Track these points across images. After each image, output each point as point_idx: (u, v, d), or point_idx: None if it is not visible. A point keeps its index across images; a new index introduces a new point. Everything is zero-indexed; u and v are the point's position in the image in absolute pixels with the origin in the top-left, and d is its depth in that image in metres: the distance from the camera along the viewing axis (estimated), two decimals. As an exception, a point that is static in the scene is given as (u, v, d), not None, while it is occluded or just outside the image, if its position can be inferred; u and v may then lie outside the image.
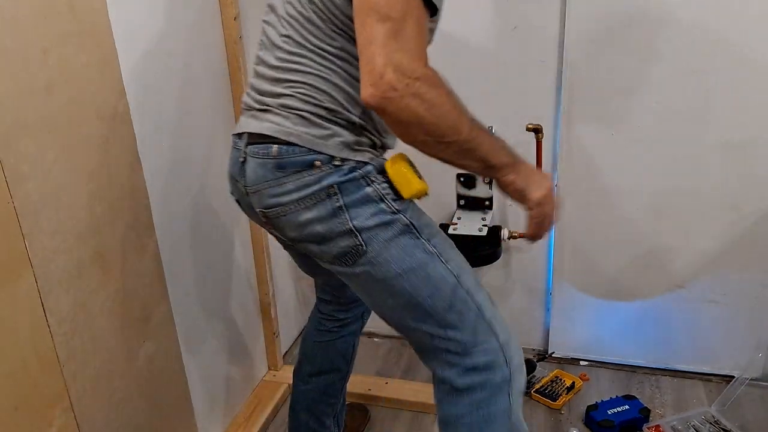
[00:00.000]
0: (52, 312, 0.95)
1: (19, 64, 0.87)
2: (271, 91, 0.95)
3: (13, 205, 0.87)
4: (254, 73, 1.02)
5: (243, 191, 0.99)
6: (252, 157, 0.95)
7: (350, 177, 0.91)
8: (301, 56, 0.93)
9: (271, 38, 0.97)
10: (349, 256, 0.93)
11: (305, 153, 0.91)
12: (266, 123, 0.94)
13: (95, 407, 1.06)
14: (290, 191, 0.92)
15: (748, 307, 1.67)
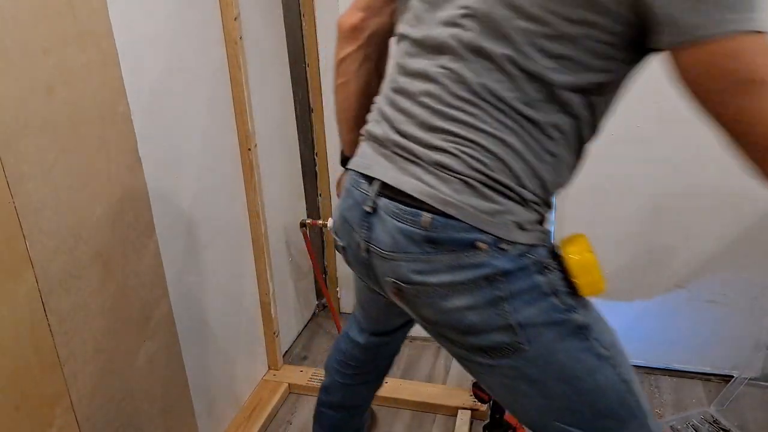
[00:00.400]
0: (52, 312, 0.95)
1: (20, 64, 0.87)
2: (422, 139, 0.77)
3: (14, 205, 0.87)
4: (391, 102, 0.82)
5: (363, 247, 0.83)
6: (390, 217, 0.78)
7: (520, 264, 0.75)
8: (475, 105, 0.74)
9: (428, 70, 0.77)
10: (499, 351, 0.78)
11: (466, 230, 0.74)
12: (414, 180, 0.76)
13: (96, 407, 1.06)
14: (440, 271, 0.76)
15: (747, 307, 1.67)
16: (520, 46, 0.70)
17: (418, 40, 0.79)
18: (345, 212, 0.86)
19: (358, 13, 0.93)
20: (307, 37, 1.82)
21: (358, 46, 0.94)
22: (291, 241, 1.92)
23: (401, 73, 0.82)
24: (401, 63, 0.82)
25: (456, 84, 0.74)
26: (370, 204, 0.81)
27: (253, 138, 1.53)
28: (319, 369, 1.85)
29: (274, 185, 1.74)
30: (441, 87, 0.75)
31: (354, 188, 0.85)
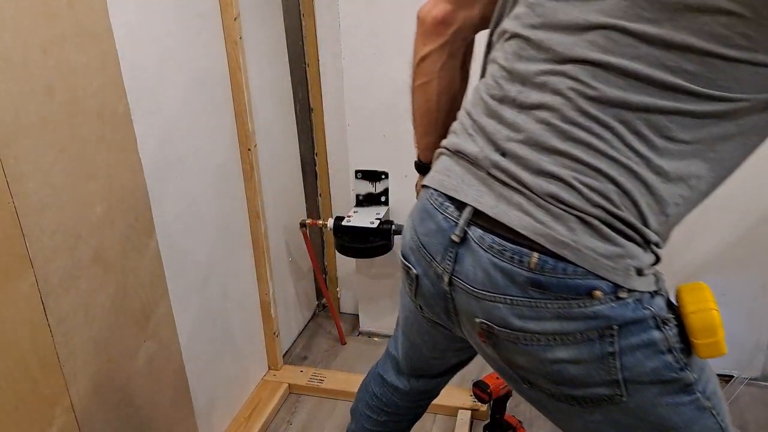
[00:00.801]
0: (52, 312, 0.95)
1: (19, 64, 0.87)
2: (532, 162, 0.66)
3: (14, 205, 0.87)
4: (491, 113, 0.71)
5: (446, 279, 0.73)
6: (485, 252, 0.68)
7: (637, 316, 0.65)
8: (606, 127, 0.63)
9: (549, 78, 0.66)
10: (594, 402, 0.70)
11: (581, 275, 0.64)
12: (520, 213, 0.66)
13: (95, 407, 1.06)
14: (544, 318, 0.66)
15: (747, 307, 1.67)
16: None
17: (538, 42, 0.67)
18: (423, 238, 0.76)
19: (445, 5, 0.82)
20: (307, 37, 1.82)
21: (443, 42, 0.83)
22: (291, 241, 1.92)
23: (508, 79, 0.70)
24: (508, 66, 0.70)
25: (586, 99, 0.63)
26: (460, 234, 0.70)
27: (253, 138, 1.53)
28: (319, 369, 1.85)
29: (274, 185, 1.74)
30: (565, 100, 0.64)
31: (437, 211, 0.74)
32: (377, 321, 2.04)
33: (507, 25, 0.73)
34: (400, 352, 1.03)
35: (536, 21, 0.68)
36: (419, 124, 0.93)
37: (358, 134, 1.79)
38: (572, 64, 0.64)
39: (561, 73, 0.65)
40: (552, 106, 0.65)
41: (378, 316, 2.02)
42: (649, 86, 0.61)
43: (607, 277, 0.64)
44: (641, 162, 0.63)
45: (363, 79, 1.72)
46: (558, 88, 0.65)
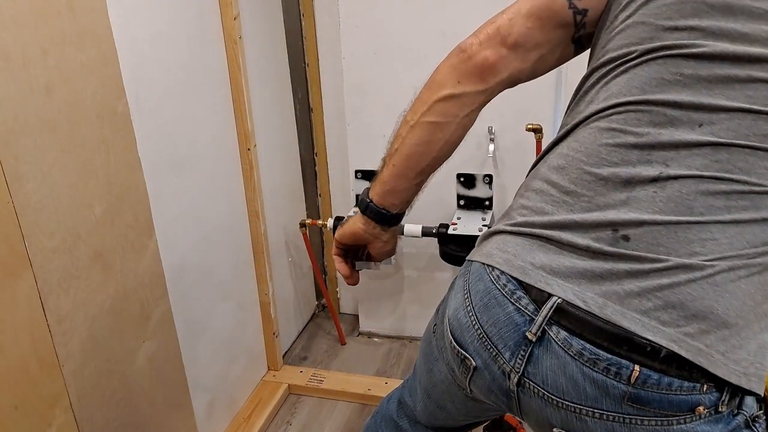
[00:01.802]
0: (51, 312, 0.95)
1: (19, 64, 0.87)
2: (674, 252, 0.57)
3: (13, 205, 0.87)
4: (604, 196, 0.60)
5: (513, 379, 0.64)
6: (574, 359, 0.59)
7: (731, 426, 0.58)
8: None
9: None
10: None
11: (687, 392, 0.56)
12: (647, 321, 0.56)
13: (95, 407, 1.06)
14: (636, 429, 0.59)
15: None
16: None
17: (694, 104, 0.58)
18: (487, 327, 0.65)
19: (500, 50, 0.71)
20: (307, 37, 1.82)
21: (483, 89, 0.73)
22: (291, 241, 1.92)
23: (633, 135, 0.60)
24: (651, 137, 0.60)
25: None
26: (537, 333, 0.60)
27: (253, 138, 1.53)
28: (318, 369, 1.85)
29: (274, 185, 1.74)
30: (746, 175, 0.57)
31: (506, 298, 0.63)
32: (377, 321, 2.04)
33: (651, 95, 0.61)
34: (419, 408, 0.92)
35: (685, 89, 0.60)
36: (401, 163, 0.78)
37: (358, 134, 1.79)
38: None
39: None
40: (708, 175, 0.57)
41: (378, 316, 2.02)
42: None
43: (738, 384, 0.56)
44: None
45: (363, 79, 1.72)
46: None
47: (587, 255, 0.59)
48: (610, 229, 0.58)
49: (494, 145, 1.68)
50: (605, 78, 0.65)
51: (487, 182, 1.68)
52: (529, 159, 1.65)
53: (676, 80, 0.59)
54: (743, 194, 0.57)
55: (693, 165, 0.58)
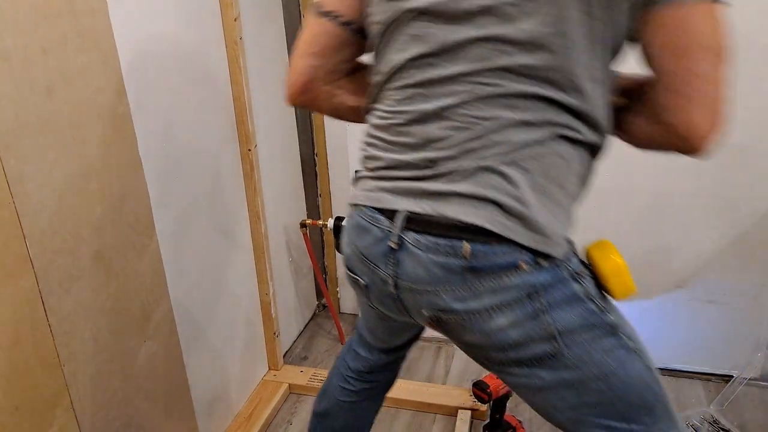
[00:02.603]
0: (52, 312, 0.95)
1: (20, 64, 0.87)
2: (455, 156, 0.74)
3: (14, 205, 0.87)
4: (409, 118, 0.78)
5: (391, 283, 0.81)
6: (423, 252, 0.76)
7: (558, 276, 0.75)
8: (542, 109, 0.73)
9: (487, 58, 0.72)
10: (540, 361, 0.78)
11: (507, 253, 0.73)
12: (459, 207, 0.74)
13: (96, 407, 1.06)
14: (483, 296, 0.75)
15: (746, 306, 1.67)
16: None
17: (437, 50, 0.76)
18: (364, 250, 0.83)
19: (298, 76, 0.90)
20: (307, 37, 1.82)
21: (314, 97, 0.94)
22: (291, 241, 1.92)
23: (414, 67, 0.80)
24: (416, 81, 0.80)
25: (481, 97, 0.75)
26: (395, 241, 0.78)
27: (253, 138, 1.53)
28: (319, 369, 1.86)
29: (274, 185, 1.74)
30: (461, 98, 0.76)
31: (368, 222, 0.82)
32: (377, 321, 2.04)
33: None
34: (366, 335, 1.13)
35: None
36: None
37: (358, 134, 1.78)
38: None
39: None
40: (462, 95, 0.74)
41: (378, 316, 2.03)
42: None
43: (531, 246, 0.73)
44: (564, 131, 0.75)
45: (363, 79, 1.72)
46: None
47: (415, 179, 0.77)
48: (426, 160, 0.76)
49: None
50: (380, 51, 0.83)
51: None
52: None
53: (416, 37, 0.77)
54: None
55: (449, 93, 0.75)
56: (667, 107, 0.71)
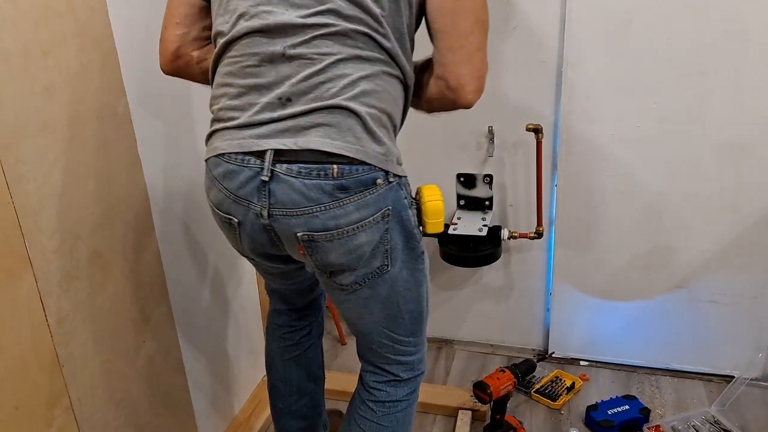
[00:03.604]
0: (51, 312, 0.95)
1: (19, 65, 0.87)
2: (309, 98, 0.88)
3: (13, 205, 0.87)
4: (259, 59, 0.88)
5: (265, 215, 0.91)
6: (295, 178, 0.87)
7: (400, 197, 0.92)
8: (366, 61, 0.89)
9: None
10: (371, 276, 0.96)
11: (368, 171, 0.88)
12: (319, 139, 0.86)
13: (95, 407, 1.06)
14: (350, 212, 0.88)
15: (747, 307, 1.67)
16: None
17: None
18: (237, 191, 0.92)
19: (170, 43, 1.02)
20: (307, 37, 1.82)
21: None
22: (291, 242, 1.92)
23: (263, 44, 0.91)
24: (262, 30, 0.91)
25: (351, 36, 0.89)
26: (266, 174, 0.88)
27: (253, 138, 1.53)
28: (319, 369, 1.85)
29: (274, 185, 1.74)
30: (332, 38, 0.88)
31: (240, 166, 0.90)
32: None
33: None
34: (272, 288, 1.28)
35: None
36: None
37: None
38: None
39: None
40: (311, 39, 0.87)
41: (378, 316, 2.03)
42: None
43: (383, 167, 0.89)
44: (389, 78, 0.91)
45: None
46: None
47: (275, 120, 0.87)
48: (278, 100, 0.87)
49: (494, 145, 1.68)
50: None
51: (487, 182, 1.68)
52: (530, 159, 1.66)
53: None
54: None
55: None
56: (442, 62, 0.90)
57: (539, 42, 1.58)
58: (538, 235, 1.68)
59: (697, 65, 1.48)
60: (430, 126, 1.71)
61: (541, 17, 1.55)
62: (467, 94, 0.90)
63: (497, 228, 1.67)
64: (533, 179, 1.64)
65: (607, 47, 1.52)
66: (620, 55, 1.52)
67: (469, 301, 1.92)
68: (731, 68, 1.46)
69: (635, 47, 1.50)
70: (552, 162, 1.67)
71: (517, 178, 1.72)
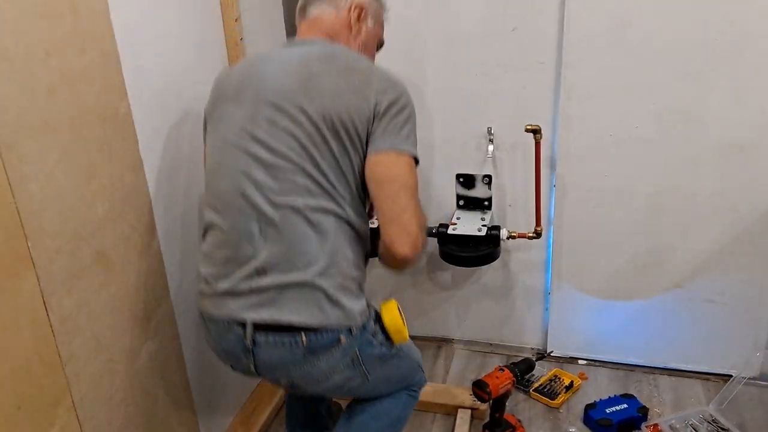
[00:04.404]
0: (54, 312, 0.96)
1: (21, 65, 0.87)
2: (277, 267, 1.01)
3: (16, 205, 0.87)
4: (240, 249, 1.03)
5: (252, 368, 1.08)
6: (271, 346, 1.03)
7: (364, 339, 1.06)
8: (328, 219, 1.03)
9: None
10: (350, 380, 1.10)
11: (331, 333, 1.02)
12: (288, 313, 1.00)
13: (97, 406, 1.07)
14: (320, 365, 1.04)
15: (745, 306, 1.67)
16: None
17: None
18: (227, 348, 1.08)
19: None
20: (307, 37, 1.83)
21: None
22: (291, 242, 1.92)
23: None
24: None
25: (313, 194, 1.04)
26: (249, 342, 1.03)
27: (254, 138, 1.54)
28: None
29: (274, 186, 1.74)
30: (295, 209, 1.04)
31: (228, 331, 1.05)
32: (377, 321, 2.04)
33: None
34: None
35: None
36: None
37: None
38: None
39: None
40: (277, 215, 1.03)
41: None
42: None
43: (347, 325, 1.03)
44: (348, 233, 1.06)
45: (363, 79, 1.72)
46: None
47: (252, 291, 1.02)
48: (257, 271, 1.02)
49: (493, 146, 1.69)
50: None
51: (486, 182, 1.68)
52: (529, 159, 1.66)
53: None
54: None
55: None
56: (382, 228, 1.01)
57: (538, 43, 1.58)
58: (536, 235, 1.69)
59: (695, 65, 1.49)
60: (429, 127, 1.71)
61: (540, 18, 1.56)
62: (398, 248, 1.01)
63: (496, 228, 1.68)
64: (532, 179, 1.65)
65: (606, 48, 1.53)
66: (619, 55, 1.52)
67: (469, 300, 1.93)
68: (730, 68, 1.47)
69: (634, 48, 1.51)
70: (551, 162, 1.68)
71: (516, 179, 1.72)
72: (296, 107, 1.01)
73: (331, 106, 1.00)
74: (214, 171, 1.09)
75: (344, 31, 1.14)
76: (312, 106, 1.01)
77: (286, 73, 1.04)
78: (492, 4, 1.59)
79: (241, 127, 1.03)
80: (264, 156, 1.01)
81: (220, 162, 1.07)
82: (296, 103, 1.01)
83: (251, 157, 1.01)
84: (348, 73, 1.04)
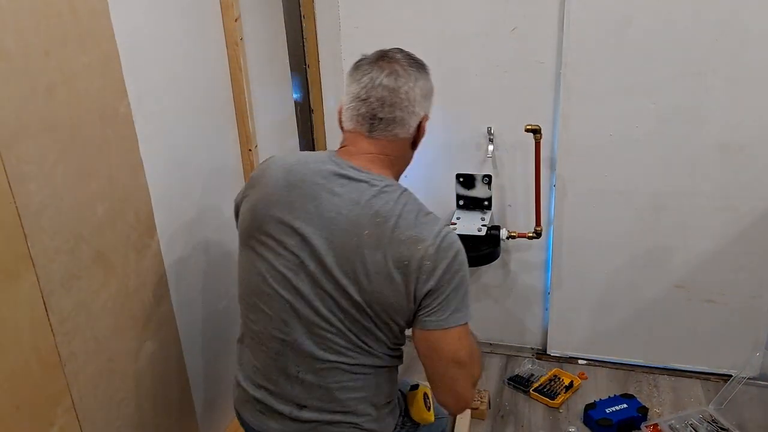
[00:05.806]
0: (53, 311, 0.96)
1: (21, 65, 0.87)
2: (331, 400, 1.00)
3: (15, 205, 0.87)
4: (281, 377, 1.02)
5: None
6: None
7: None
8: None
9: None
10: None
11: None
12: None
13: (97, 407, 1.07)
14: None
15: (745, 306, 1.68)
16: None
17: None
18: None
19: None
20: (308, 38, 1.83)
21: None
22: (291, 242, 1.92)
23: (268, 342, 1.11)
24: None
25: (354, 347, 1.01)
26: None
27: (254, 139, 1.54)
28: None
29: (274, 185, 1.74)
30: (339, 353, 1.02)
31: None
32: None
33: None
34: None
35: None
36: None
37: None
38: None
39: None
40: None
41: (378, 316, 2.03)
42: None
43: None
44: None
45: (363, 79, 1.72)
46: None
47: (290, 418, 1.01)
48: (296, 404, 1.01)
49: (493, 146, 1.69)
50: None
51: (486, 182, 1.68)
52: (529, 159, 1.66)
53: None
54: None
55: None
56: (434, 391, 1.00)
57: (538, 43, 1.58)
58: (536, 235, 1.69)
59: (695, 66, 1.49)
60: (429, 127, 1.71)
61: (540, 19, 1.56)
62: (452, 410, 1.02)
63: (496, 228, 1.68)
64: (532, 179, 1.65)
65: (606, 48, 1.53)
66: (618, 55, 1.53)
67: (468, 300, 1.93)
68: (729, 68, 1.47)
69: (633, 48, 1.51)
70: (550, 162, 1.68)
71: (516, 179, 1.72)
72: (342, 286, 0.94)
73: (373, 300, 0.94)
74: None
75: (407, 153, 1.03)
76: (353, 288, 0.94)
77: (343, 231, 0.93)
78: (492, 4, 1.59)
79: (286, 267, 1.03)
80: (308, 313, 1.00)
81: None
82: (343, 283, 0.94)
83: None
84: (395, 261, 0.93)
